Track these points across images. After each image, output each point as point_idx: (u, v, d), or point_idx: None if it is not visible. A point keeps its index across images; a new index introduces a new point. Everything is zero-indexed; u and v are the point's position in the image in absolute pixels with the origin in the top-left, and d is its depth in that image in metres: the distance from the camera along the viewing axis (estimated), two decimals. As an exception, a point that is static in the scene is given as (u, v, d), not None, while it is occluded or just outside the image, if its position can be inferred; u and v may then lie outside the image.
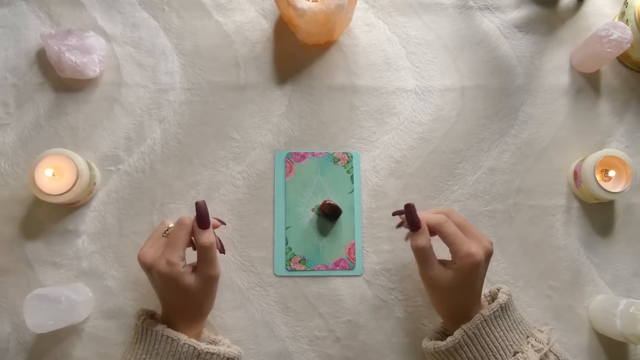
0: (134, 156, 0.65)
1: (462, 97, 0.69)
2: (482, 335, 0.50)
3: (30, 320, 0.53)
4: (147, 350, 0.50)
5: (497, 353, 0.49)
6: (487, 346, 0.50)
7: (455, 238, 0.51)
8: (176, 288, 0.51)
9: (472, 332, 0.50)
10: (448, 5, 0.72)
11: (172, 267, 0.50)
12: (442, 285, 0.52)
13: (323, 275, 0.63)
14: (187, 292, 0.51)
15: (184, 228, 0.52)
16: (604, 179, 0.63)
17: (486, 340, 0.50)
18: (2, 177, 0.64)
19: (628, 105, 0.70)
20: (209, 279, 0.52)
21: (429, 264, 0.53)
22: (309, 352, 0.61)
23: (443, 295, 0.53)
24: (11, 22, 0.68)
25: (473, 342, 0.50)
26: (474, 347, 0.50)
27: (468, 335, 0.50)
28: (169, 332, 0.50)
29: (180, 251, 0.51)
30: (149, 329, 0.51)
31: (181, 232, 0.52)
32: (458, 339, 0.50)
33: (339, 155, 0.66)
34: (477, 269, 0.51)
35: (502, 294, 0.54)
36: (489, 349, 0.49)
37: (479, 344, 0.50)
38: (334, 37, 0.68)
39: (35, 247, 0.62)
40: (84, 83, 0.67)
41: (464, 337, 0.50)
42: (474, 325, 0.50)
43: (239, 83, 0.68)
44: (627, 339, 0.57)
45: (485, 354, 0.49)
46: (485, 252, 0.51)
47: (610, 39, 0.63)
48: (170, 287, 0.51)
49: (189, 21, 0.70)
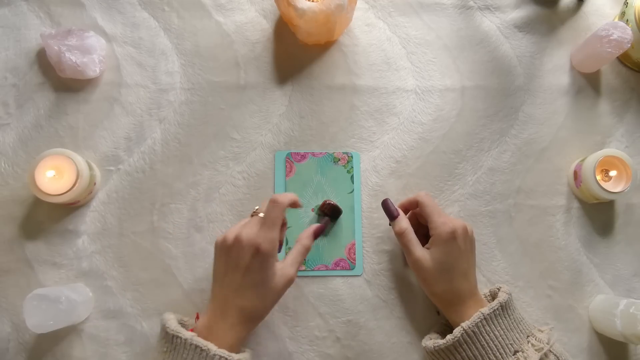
0: (134, 156, 0.65)
1: (462, 97, 0.69)
2: (482, 333, 0.50)
3: (30, 320, 0.53)
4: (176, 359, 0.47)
5: (497, 351, 0.49)
6: (487, 345, 0.49)
7: (432, 209, 0.56)
8: (262, 270, 0.49)
9: (472, 330, 0.50)
10: (448, 5, 0.72)
11: (271, 245, 0.48)
12: (426, 265, 0.54)
13: (323, 275, 0.63)
14: (266, 280, 0.49)
15: (278, 207, 0.49)
16: (604, 179, 0.63)
17: (486, 338, 0.50)
18: (2, 177, 0.64)
19: (628, 105, 0.70)
20: (289, 279, 0.50)
21: (413, 246, 0.55)
22: (309, 352, 0.61)
23: (429, 276, 0.54)
24: (11, 22, 0.68)
25: (473, 341, 0.50)
26: (473, 346, 0.50)
27: (468, 333, 0.50)
28: (198, 341, 0.46)
29: (277, 231, 0.49)
30: (178, 336, 0.47)
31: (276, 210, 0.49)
32: (457, 337, 0.50)
33: (339, 155, 0.66)
34: (454, 239, 0.53)
35: (503, 292, 0.54)
36: (488, 347, 0.49)
37: (478, 342, 0.50)
38: (334, 37, 0.68)
39: (35, 247, 0.62)
40: (84, 83, 0.67)
41: (463, 335, 0.50)
42: (473, 324, 0.50)
43: (239, 83, 0.68)
44: (627, 339, 0.57)
45: (485, 353, 0.49)
46: (460, 225, 0.55)
47: (611, 39, 0.63)
48: (257, 266, 0.48)
49: (189, 21, 0.70)
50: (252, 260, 0.48)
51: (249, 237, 0.49)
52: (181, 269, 0.62)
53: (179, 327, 0.48)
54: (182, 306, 0.61)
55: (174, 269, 0.62)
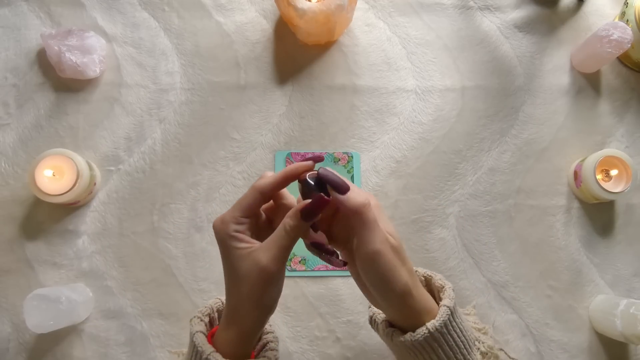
0: (134, 156, 0.65)
1: (462, 97, 0.69)
2: (452, 325, 0.43)
3: (30, 320, 0.53)
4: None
5: (467, 344, 0.44)
6: (459, 338, 0.44)
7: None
8: (224, 257, 0.41)
9: (443, 325, 0.42)
10: (448, 5, 0.72)
11: (222, 224, 0.40)
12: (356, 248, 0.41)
13: (323, 275, 0.63)
14: (232, 266, 0.40)
15: (251, 189, 0.41)
16: (604, 179, 0.63)
17: (457, 331, 0.44)
18: (3, 177, 0.64)
19: (628, 105, 0.70)
20: (261, 268, 0.39)
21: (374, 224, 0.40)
22: (309, 352, 0.61)
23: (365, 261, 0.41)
24: (11, 22, 0.68)
25: (449, 332, 0.43)
26: (449, 336, 0.43)
27: (435, 333, 0.42)
28: (216, 357, 0.40)
29: (238, 212, 0.40)
30: (196, 348, 0.41)
31: (248, 192, 0.41)
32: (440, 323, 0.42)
33: (339, 155, 0.66)
34: (367, 208, 0.40)
35: (438, 278, 0.47)
36: (459, 340, 0.44)
37: (450, 336, 0.43)
38: (334, 37, 0.68)
39: (35, 247, 0.62)
40: (84, 83, 0.67)
41: (441, 327, 0.42)
42: (442, 323, 0.42)
43: (239, 83, 0.68)
44: (628, 339, 0.57)
45: (459, 343, 0.44)
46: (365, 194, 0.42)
47: (611, 39, 0.63)
48: (221, 254, 0.41)
49: (189, 21, 0.70)
50: (219, 248, 0.41)
51: (214, 222, 0.41)
52: (181, 269, 0.62)
53: (201, 339, 0.42)
54: (182, 306, 0.61)
55: (174, 269, 0.62)
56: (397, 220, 0.65)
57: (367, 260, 0.40)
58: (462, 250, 0.65)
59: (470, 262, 0.64)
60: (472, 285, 0.63)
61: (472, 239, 0.65)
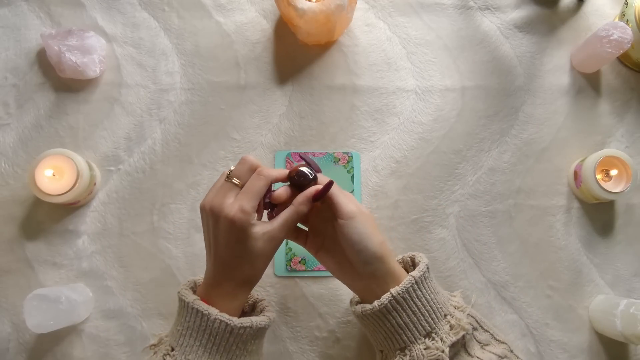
0: (134, 156, 0.65)
1: (462, 97, 0.69)
2: (416, 294, 0.47)
3: (30, 320, 0.53)
4: (182, 322, 0.47)
5: (433, 314, 0.47)
6: (423, 307, 0.47)
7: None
8: (241, 242, 0.46)
9: (402, 296, 0.47)
10: (448, 5, 0.72)
11: (245, 215, 0.45)
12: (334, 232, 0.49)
13: (323, 275, 0.63)
14: (249, 249, 0.46)
15: (263, 179, 0.46)
16: (604, 179, 0.63)
17: (421, 300, 0.47)
18: (3, 177, 0.64)
19: (628, 105, 0.70)
20: (275, 239, 0.47)
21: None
22: (309, 352, 0.61)
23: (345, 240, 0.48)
24: (11, 22, 0.68)
25: (408, 302, 0.47)
26: (412, 303, 0.47)
27: (398, 297, 0.47)
28: (199, 305, 0.46)
29: (255, 201, 0.46)
30: (182, 299, 0.47)
31: (260, 182, 0.46)
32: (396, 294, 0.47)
33: (339, 155, 0.66)
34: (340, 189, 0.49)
35: (419, 256, 0.52)
36: (424, 309, 0.47)
37: (413, 302, 0.47)
38: (334, 37, 0.68)
39: (35, 247, 0.62)
40: (84, 83, 0.67)
41: (397, 298, 0.47)
42: (403, 289, 0.47)
43: (239, 83, 0.68)
44: (628, 339, 0.57)
45: (424, 311, 0.47)
46: None
47: (611, 39, 0.63)
48: (235, 240, 0.46)
49: (189, 21, 0.70)
50: (229, 235, 0.46)
51: (223, 210, 0.45)
52: (181, 269, 0.62)
53: (185, 290, 0.48)
54: (182, 306, 0.61)
55: (174, 269, 0.62)
56: (397, 220, 0.65)
57: (348, 219, 0.47)
58: (462, 250, 0.65)
59: (470, 262, 0.64)
60: (472, 285, 0.63)
61: (472, 239, 0.65)
